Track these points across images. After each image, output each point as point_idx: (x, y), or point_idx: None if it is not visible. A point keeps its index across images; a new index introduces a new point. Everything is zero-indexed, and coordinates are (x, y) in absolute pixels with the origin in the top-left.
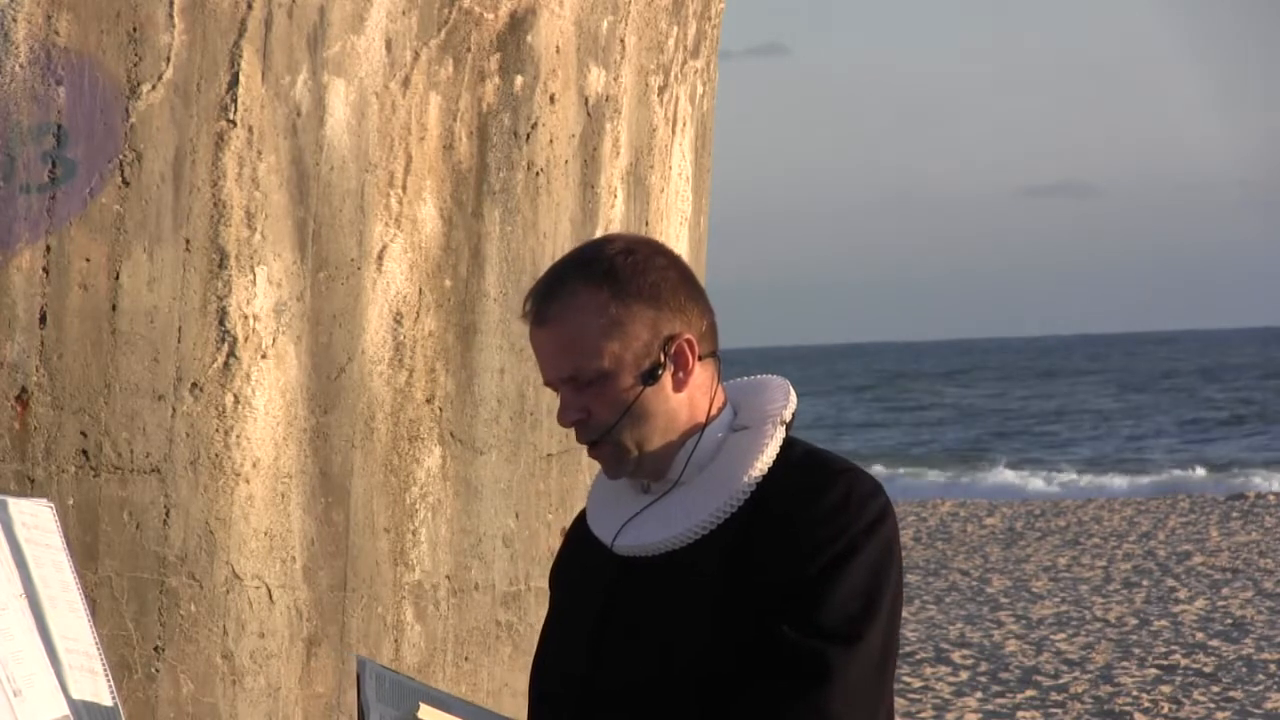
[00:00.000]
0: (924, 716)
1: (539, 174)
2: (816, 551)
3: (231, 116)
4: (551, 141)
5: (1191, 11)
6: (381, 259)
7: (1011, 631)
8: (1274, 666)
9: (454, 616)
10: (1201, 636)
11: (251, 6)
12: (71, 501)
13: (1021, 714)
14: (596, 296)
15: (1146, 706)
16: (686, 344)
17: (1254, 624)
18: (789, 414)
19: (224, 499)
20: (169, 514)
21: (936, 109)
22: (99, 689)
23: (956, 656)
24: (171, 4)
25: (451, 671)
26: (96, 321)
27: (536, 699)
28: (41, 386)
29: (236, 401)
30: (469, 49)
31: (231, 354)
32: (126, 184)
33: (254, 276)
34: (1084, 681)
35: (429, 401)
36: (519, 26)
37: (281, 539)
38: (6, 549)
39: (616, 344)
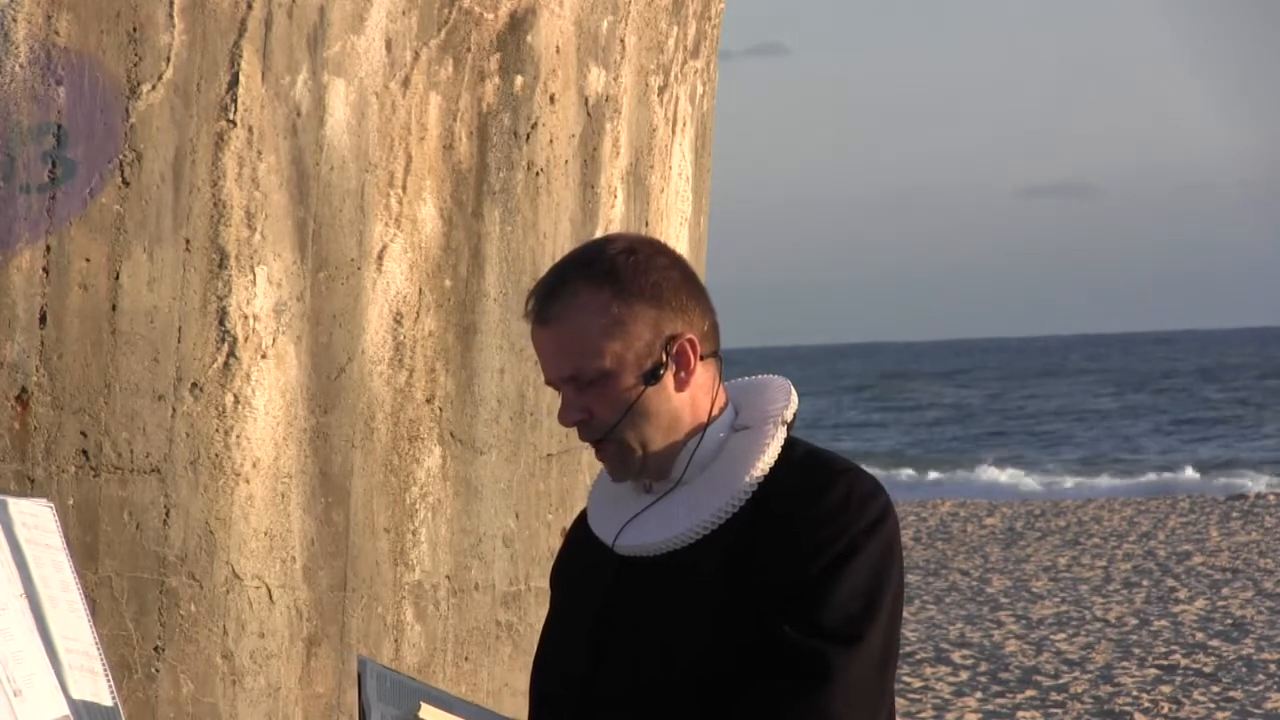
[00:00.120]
0: (924, 716)
1: (539, 174)
2: (817, 551)
3: (231, 116)
4: (551, 141)
5: (1192, 11)
6: (381, 259)
7: (1011, 631)
8: (1274, 666)
9: (454, 616)
10: (1201, 636)
11: (251, 6)
12: (71, 501)
13: (1021, 714)
14: (598, 296)
15: (1146, 706)
16: (688, 344)
17: (1254, 624)
18: (790, 414)
19: (224, 499)
20: (169, 514)
21: (936, 109)
22: (99, 689)
23: (956, 656)
24: (171, 4)
25: (451, 671)
26: (96, 321)
27: (537, 699)
28: (41, 386)
29: (236, 401)
30: (469, 49)
31: (231, 354)
32: (126, 184)
33: (254, 276)
34: (1084, 681)
35: (429, 401)
36: (519, 26)
37: (281, 539)
38: (6, 549)
39: (618, 344)
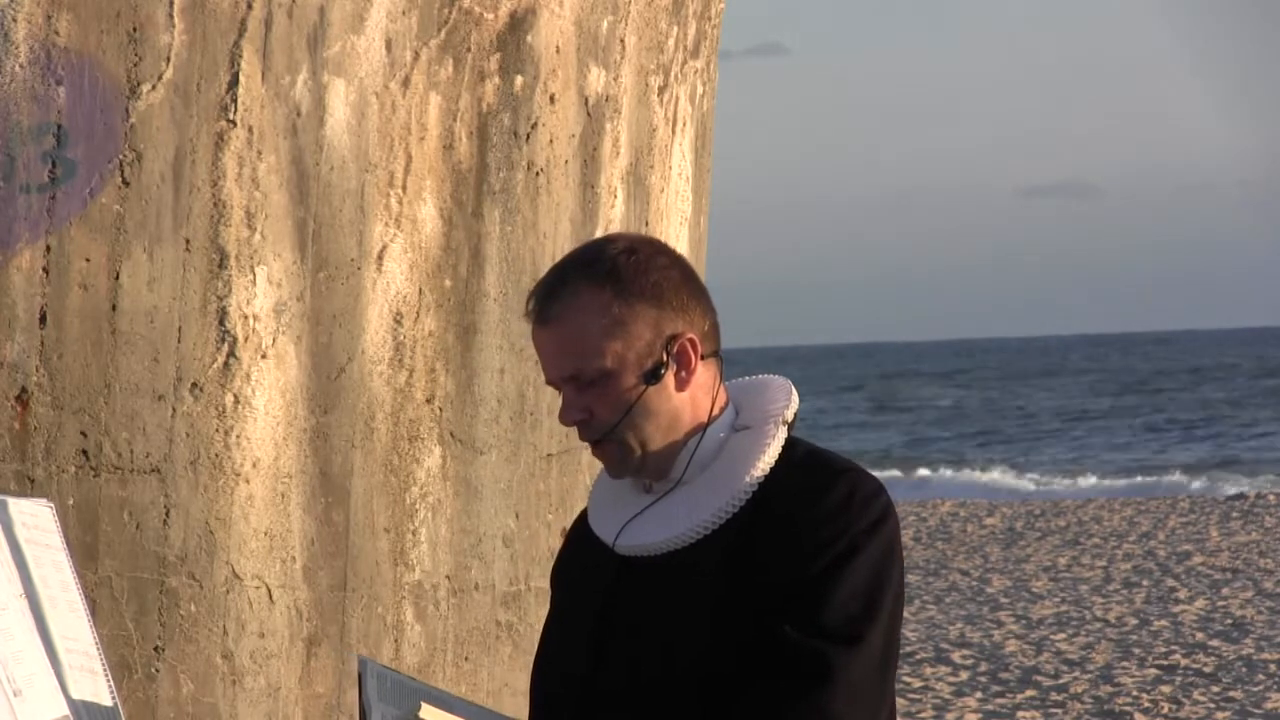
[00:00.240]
0: (924, 716)
1: (539, 174)
2: (818, 551)
3: (231, 116)
4: (551, 141)
5: (1192, 11)
6: (381, 259)
7: (1011, 631)
8: (1274, 666)
9: (454, 616)
10: (1201, 636)
11: (251, 6)
12: (71, 501)
13: (1021, 714)
14: (599, 296)
15: (1146, 706)
16: (689, 343)
17: (1254, 624)
18: (791, 414)
19: (224, 499)
20: (169, 514)
21: (936, 109)
22: (99, 689)
23: (956, 656)
24: (171, 4)
25: (451, 671)
26: (96, 321)
27: (537, 699)
28: (41, 386)
29: (236, 401)
30: (469, 49)
31: (231, 354)
32: (126, 184)
33: (254, 276)
34: (1084, 681)
35: (429, 401)
36: (519, 26)
37: (281, 539)
38: (6, 549)
39: (619, 343)
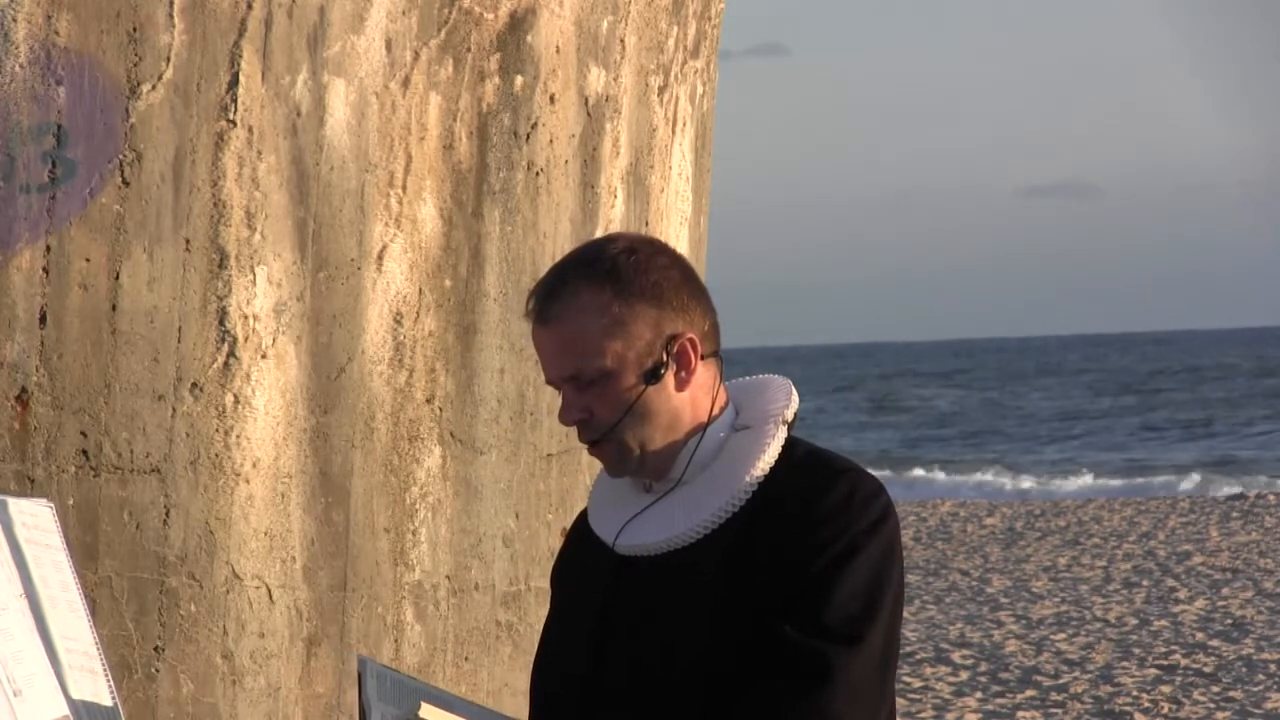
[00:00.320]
0: (924, 716)
1: (539, 174)
2: (818, 551)
3: (231, 116)
4: (551, 141)
5: (1192, 11)
6: (381, 259)
7: (1011, 631)
8: (1274, 666)
9: (454, 616)
10: (1201, 636)
11: (251, 6)
12: (71, 501)
13: (1021, 714)
14: (599, 296)
15: (1146, 706)
16: (689, 343)
17: (1254, 624)
18: (791, 414)
19: (224, 499)
20: (169, 514)
21: (936, 109)
22: (99, 689)
23: (956, 656)
24: (171, 4)
25: (451, 671)
26: (96, 321)
27: (537, 699)
28: (41, 386)
29: (236, 401)
30: (469, 49)
31: (231, 354)
32: (126, 184)
33: (254, 276)
34: (1084, 681)
35: (429, 401)
36: (519, 26)
37: (281, 539)
38: (6, 549)
39: (619, 343)
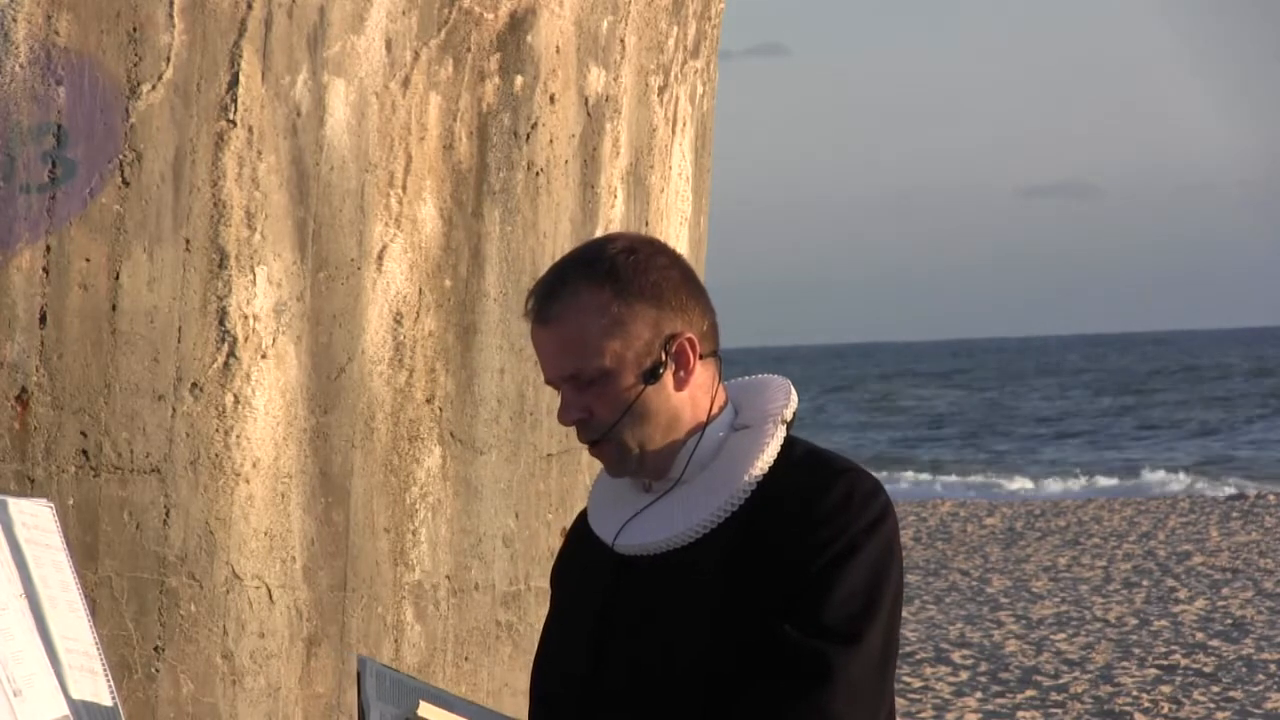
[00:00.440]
0: (924, 716)
1: (539, 174)
2: (818, 551)
3: (231, 116)
4: (551, 141)
5: (1192, 11)
6: (381, 259)
7: (1011, 631)
8: (1274, 666)
9: (454, 616)
10: (1201, 636)
11: (251, 6)
12: (71, 501)
13: (1021, 714)
14: (598, 296)
15: (1146, 706)
16: (688, 343)
17: (1254, 624)
18: (790, 413)
19: (224, 499)
20: (169, 514)
21: (936, 109)
22: (99, 689)
23: (956, 656)
24: (171, 4)
25: (451, 671)
26: (96, 321)
27: (537, 699)
28: (41, 386)
29: (236, 401)
30: (469, 49)
31: (231, 354)
32: (126, 184)
33: (254, 276)
34: (1084, 681)
35: (429, 401)
36: (519, 26)
37: (281, 539)
38: (6, 549)
39: (618, 343)
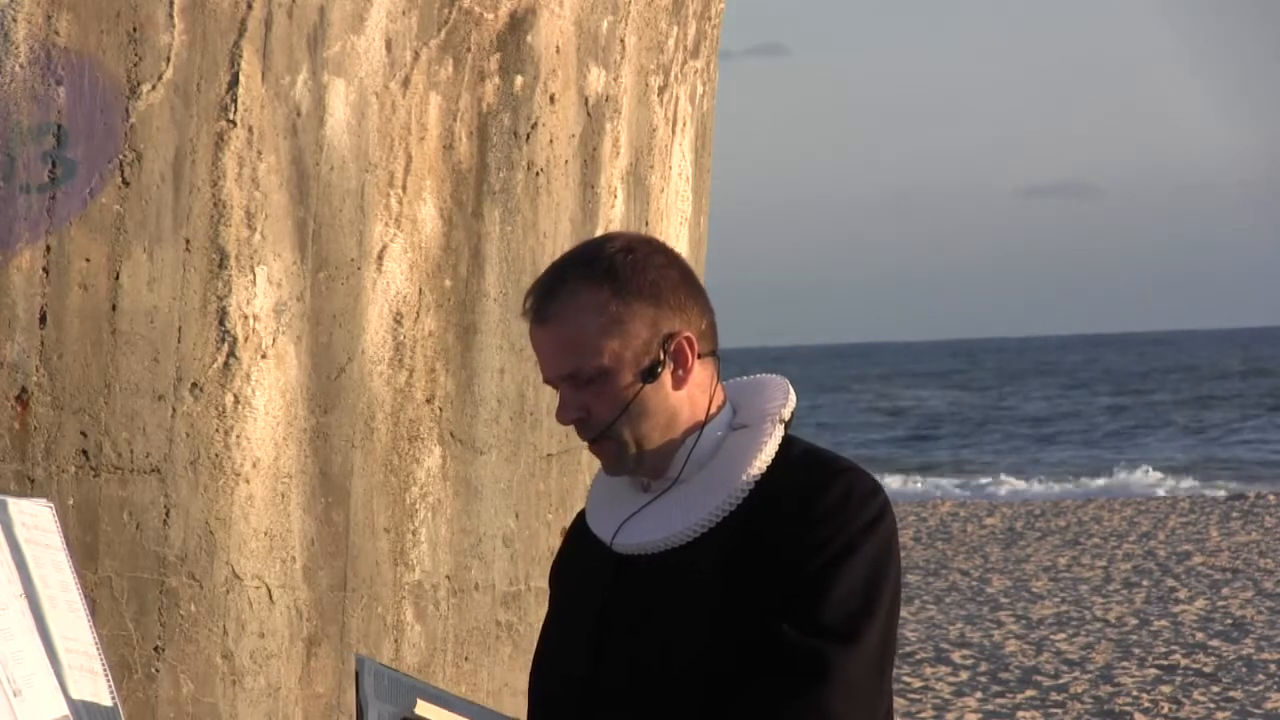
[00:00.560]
0: (924, 716)
1: (539, 174)
2: (816, 550)
3: (231, 116)
4: (551, 141)
5: (1192, 11)
6: (381, 259)
7: (1011, 631)
8: (1274, 666)
9: (454, 616)
10: (1201, 636)
11: (251, 6)
12: (71, 501)
13: (1021, 714)
14: (597, 295)
15: (1146, 706)
16: (686, 342)
17: (1254, 624)
18: (788, 412)
19: (224, 499)
20: (169, 514)
21: (936, 109)
22: (99, 689)
23: (956, 656)
24: (171, 4)
25: (451, 671)
26: (96, 321)
27: (536, 699)
28: (41, 386)
29: (236, 401)
30: (469, 49)
31: (231, 354)
32: (126, 184)
33: (254, 276)
34: (1084, 681)
35: (429, 401)
36: (519, 26)
37: (281, 539)
38: (6, 549)
39: (616, 342)
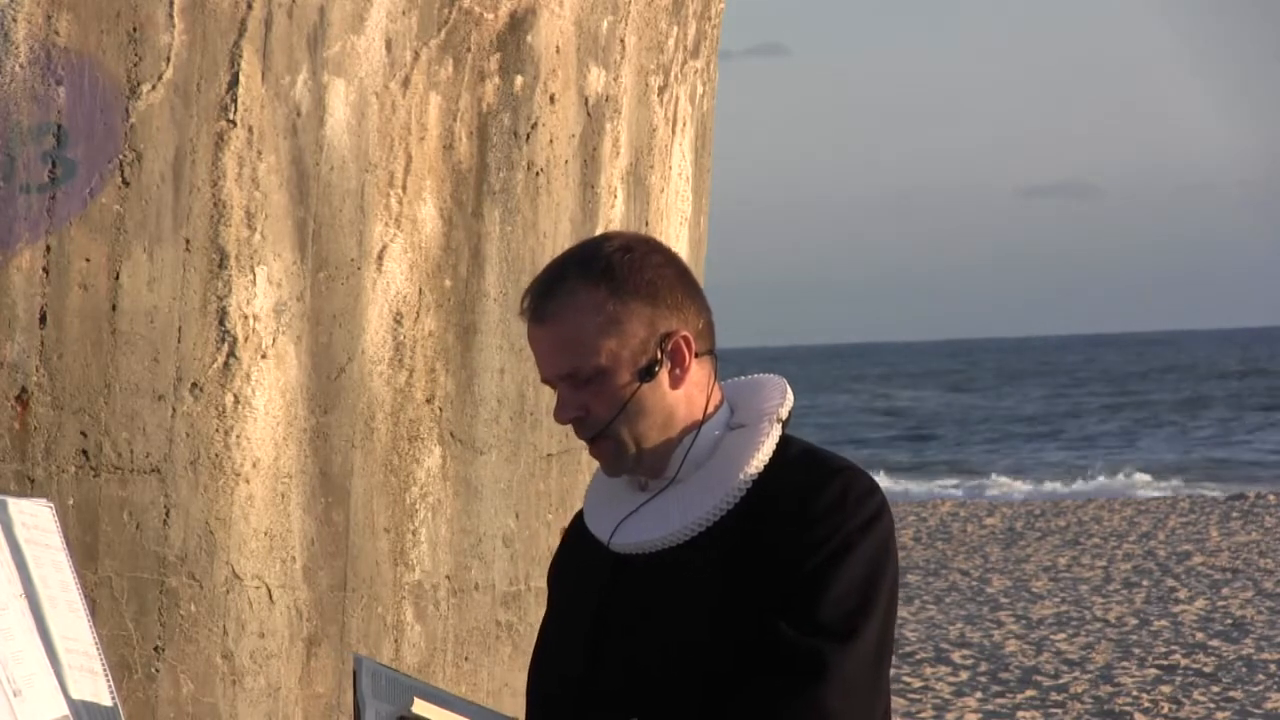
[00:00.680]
0: (924, 716)
1: (539, 174)
2: (813, 549)
3: (231, 116)
4: (551, 141)
5: (1192, 11)
6: (381, 259)
7: (1011, 631)
8: (1274, 666)
9: (454, 616)
10: (1201, 636)
11: (251, 6)
12: (71, 501)
13: (1021, 714)
14: (594, 294)
15: (1146, 706)
16: (683, 341)
17: (1254, 624)
18: (785, 412)
19: (224, 499)
20: (169, 514)
21: (936, 109)
22: (99, 689)
23: (956, 656)
24: (171, 4)
25: (451, 671)
26: (96, 321)
27: (534, 699)
28: (41, 386)
29: (236, 401)
30: (469, 49)
31: (231, 354)
32: (126, 184)
33: (254, 276)
34: (1084, 681)
35: (429, 401)
36: (519, 26)
37: (281, 539)
38: (6, 549)
39: (614, 341)
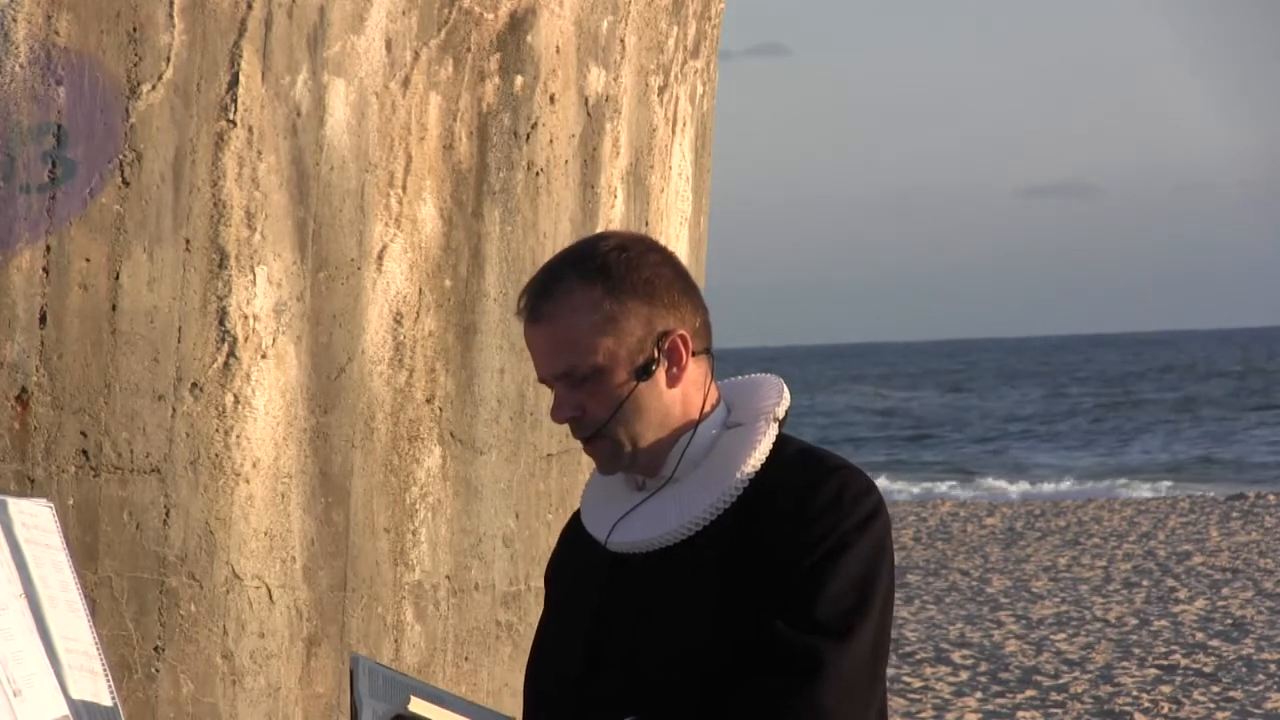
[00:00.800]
0: (924, 716)
1: (539, 174)
2: (810, 548)
3: (231, 116)
4: (551, 141)
5: (1192, 11)
6: (381, 259)
7: (1011, 631)
8: (1274, 666)
9: (454, 616)
10: (1201, 636)
11: (251, 6)
12: (71, 501)
13: (1021, 714)
14: (591, 293)
15: (1146, 706)
16: (680, 340)
17: (1254, 624)
18: (782, 411)
19: (224, 499)
20: (169, 514)
21: (936, 109)
22: (99, 689)
23: (956, 656)
24: (171, 4)
25: (451, 671)
26: (96, 321)
27: (532, 699)
28: (41, 386)
29: (236, 401)
30: (469, 49)
31: (231, 354)
32: (126, 184)
33: (254, 276)
34: (1084, 681)
35: (429, 401)
36: (519, 26)
37: (281, 539)
38: (6, 549)
39: (611, 340)
